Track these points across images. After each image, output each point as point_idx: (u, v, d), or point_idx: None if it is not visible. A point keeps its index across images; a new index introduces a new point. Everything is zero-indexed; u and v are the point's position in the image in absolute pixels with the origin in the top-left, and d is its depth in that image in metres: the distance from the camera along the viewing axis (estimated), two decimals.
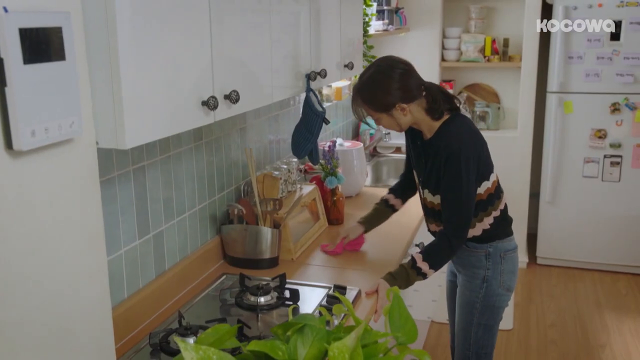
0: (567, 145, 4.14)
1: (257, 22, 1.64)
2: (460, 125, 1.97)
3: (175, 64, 1.26)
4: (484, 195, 2.01)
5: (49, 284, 1.02)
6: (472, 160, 1.92)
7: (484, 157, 2.00)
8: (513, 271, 2.14)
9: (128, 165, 1.68)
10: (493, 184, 2.03)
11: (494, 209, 2.05)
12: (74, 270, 1.08)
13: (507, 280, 2.12)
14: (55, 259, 1.03)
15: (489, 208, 2.04)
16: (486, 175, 2.01)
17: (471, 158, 1.91)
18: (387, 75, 1.92)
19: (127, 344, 1.65)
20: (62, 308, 1.06)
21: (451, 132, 1.95)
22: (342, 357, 0.92)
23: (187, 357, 0.83)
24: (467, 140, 1.94)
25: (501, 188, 2.10)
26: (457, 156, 1.89)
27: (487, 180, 2.01)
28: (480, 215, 2.03)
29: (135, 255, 1.74)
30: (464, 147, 1.90)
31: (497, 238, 2.08)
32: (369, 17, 3.33)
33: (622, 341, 3.34)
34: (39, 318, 1.01)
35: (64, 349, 1.07)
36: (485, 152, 2.02)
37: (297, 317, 1.01)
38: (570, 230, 4.26)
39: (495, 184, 2.05)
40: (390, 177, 3.88)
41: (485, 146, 2.03)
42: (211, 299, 1.90)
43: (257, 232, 2.13)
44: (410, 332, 1.05)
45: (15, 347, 0.96)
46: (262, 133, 2.53)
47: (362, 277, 2.08)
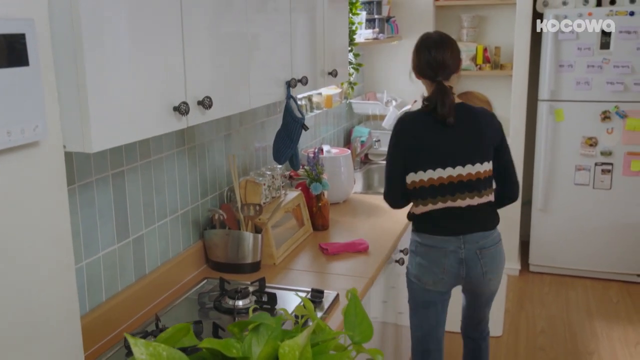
0: (559, 153, 4.16)
1: (233, 29, 1.67)
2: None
3: (144, 69, 1.29)
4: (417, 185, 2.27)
5: (13, 287, 1.05)
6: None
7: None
8: (423, 267, 2.30)
9: (107, 169, 1.71)
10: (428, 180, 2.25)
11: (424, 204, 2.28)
12: (39, 272, 1.10)
13: (415, 270, 2.34)
14: (19, 262, 1.06)
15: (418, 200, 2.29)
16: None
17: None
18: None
19: (104, 345, 1.68)
20: (27, 310, 1.08)
21: (480, 109, 2.32)
22: (293, 354, 0.94)
23: (136, 352, 0.86)
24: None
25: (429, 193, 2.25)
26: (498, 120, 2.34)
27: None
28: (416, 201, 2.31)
29: (114, 258, 1.77)
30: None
31: (417, 230, 2.35)
32: (355, 25, 3.37)
33: (610, 348, 3.34)
34: (3, 320, 1.03)
35: (29, 351, 1.09)
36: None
37: (253, 316, 1.04)
38: (562, 237, 4.27)
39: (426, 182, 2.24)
40: (381, 185, 3.90)
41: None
42: (190, 303, 1.93)
43: (238, 237, 2.16)
44: (366, 331, 1.08)
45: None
46: (248, 140, 2.56)
47: (342, 282, 2.10)
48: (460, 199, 2.22)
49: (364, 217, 2.83)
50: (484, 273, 2.27)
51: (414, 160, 2.22)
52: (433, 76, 2.22)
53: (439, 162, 2.20)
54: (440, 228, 2.25)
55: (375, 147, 3.86)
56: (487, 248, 2.26)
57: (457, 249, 2.24)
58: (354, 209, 2.96)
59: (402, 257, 2.66)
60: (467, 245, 2.24)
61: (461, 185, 2.21)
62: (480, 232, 2.25)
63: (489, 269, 2.27)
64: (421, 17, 4.23)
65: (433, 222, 2.26)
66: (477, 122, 2.25)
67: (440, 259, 2.26)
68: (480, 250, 2.25)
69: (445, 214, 2.23)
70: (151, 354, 0.86)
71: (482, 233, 2.25)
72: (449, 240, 2.24)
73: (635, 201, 4.07)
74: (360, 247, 2.36)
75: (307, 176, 2.65)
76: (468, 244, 2.24)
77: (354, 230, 2.64)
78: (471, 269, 2.26)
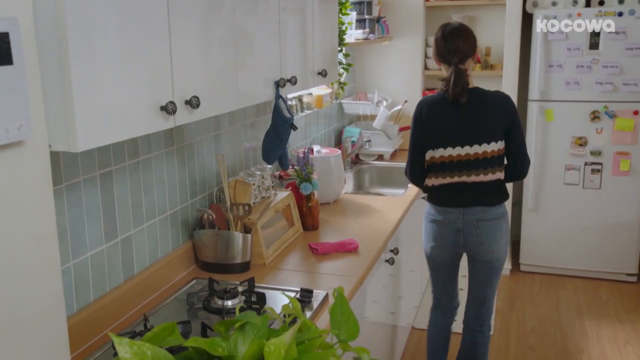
0: (549, 153, 4.18)
1: (221, 28, 1.67)
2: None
3: (131, 69, 1.29)
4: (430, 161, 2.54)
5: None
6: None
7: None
8: (429, 233, 2.61)
9: (94, 170, 1.70)
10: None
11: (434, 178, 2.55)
12: (24, 272, 1.10)
13: (424, 236, 2.67)
14: (3, 261, 1.05)
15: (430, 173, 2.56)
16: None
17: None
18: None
19: (92, 346, 1.67)
20: (12, 310, 1.08)
21: (496, 92, 2.52)
22: (278, 353, 0.94)
23: (121, 352, 0.86)
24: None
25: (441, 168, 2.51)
26: (514, 103, 2.53)
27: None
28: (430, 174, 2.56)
29: (102, 259, 1.76)
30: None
31: (429, 201, 2.62)
32: (345, 25, 3.37)
33: (600, 347, 3.36)
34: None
35: (14, 351, 1.09)
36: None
37: (240, 315, 1.04)
38: (553, 237, 4.29)
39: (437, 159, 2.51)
40: (372, 185, 3.91)
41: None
42: (179, 303, 1.92)
43: (228, 237, 2.15)
44: (352, 330, 1.08)
45: None
46: (238, 140, 2.56)
47: (332, 282, 2.10)
48: (467, 175, 2.46)
49: (354, 217, 2.84)
50: (480, 243, 2.48)
51: (431, 139, 2.50)
52: (449, 60, 2.46)
53: (451, 141, 2.46)
54: (445, 200, 2.52)
55: (366, 147, 3.87)
56: (486, 220, 2.47)
57: (457, 219, 2.50)
58: (344, 209, 2.96)
59: (392, 256, 2.67)
60: (465, 217, 2.48)
61: (470, 163, 2.45)
62: (480, 207, 2.47)
63: (485, 240, 2.47)
64: (412, 18, 4.25)
65: (441, 195, 2.53)
66: (488, 105, 2.46)
67: (441, 229, 2.54)
68: (477, 222, 2.47)
69: (452, 188, 2.49)
70: (135, 353, 0.86)
71: (482, 207, 2.47)
72: (451, 211, 2.51)
73: (625, 201, 4.09)
74: (350, 247, 2.36)
75: (297, 176, 2.65)
76: (467, 215, 2.48)
77: (344, 230, 2.65)
78: (467, 238, 2.51)
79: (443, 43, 2.48)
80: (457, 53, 2.44)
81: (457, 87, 2.41)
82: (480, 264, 2.56)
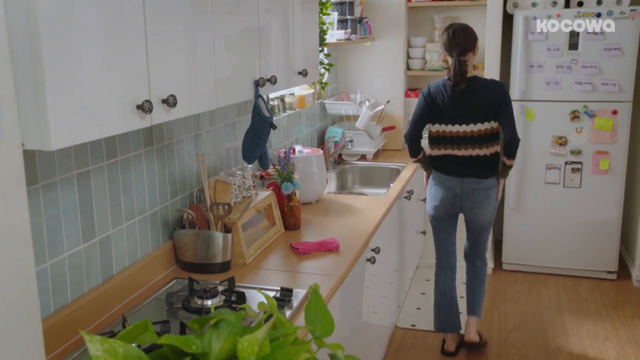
0: (530, 153, 4.22)
1: (198, 27, 1.67)
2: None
3: (105, 67, 1.29)
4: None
5: None
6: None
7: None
8: (432, 194, 3.15)
9: (71, 169, 1.69)
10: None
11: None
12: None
13: (427, 197, 3.22)
14: None
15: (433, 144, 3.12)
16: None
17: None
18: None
19: (70, 346, 1.66)
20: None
21: (490, 80, 3.08)
22: (251, 349, 0.94)
23: (91, 349, 0.85)
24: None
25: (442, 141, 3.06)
26: (506, 90, 3.04)
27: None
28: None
29: (79, 259, 1.75)
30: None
31: (433, 168, 3.16)
32: (327, 25, 3.38)
33: (580, 343, 3.40)
34: None
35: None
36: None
37: (214, 312, 1.04)
38: (534, 236, 4.33)
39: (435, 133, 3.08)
40: (355, 184, 3.92)
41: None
42: (159, 303, 1.91)
43: (208, 237, 2.15)
44: (327, 326, 1.08)
45: None
46: (219, 140, 2.56)
47: (313, 281, 2.10)
48: (463, 149, 3.01)
49: (336, 216, 2.84)
50: (472, 207, 3.08)
51: (433, 116, 3.04)
52: (451, 53, 2.94)
53: (449, 119, 2.99)
54: (445, 169, 3.07)
55: (348, 147, 3.88)
56: (479, 190, 3.04)
57: (455, 186, 3.05)
58: (326, 209, 2.97)
59: (373, 255, 2.68)
60: (463, 186, 3.04)
61: (464, 139, 2.99)
62: (474, 178, 3.02)
63: (476, 205, 3.06)
64: (394, 18, 4.26)
65: (441, 164, 3.09)
66: (482, 91, 2.97)
67: (441, 191, 3.10)
68: (472, 190, 3.04)
69: (450, 159, 3.05)
70: (107, 350, 0.86)
71: (476, 179, 3.02)
72: (451, 179, 3.06)
73: (604, 199, 4.14)
74: (331, 246, 2.37)
75: (278, 176, 2.65)
76: (464, 184, 3.04)
77: (325, 229, 2.65)
78: (463, 202, 3.08)
79: (447, 38, 2.96)
80: (457, 47, 2.92)
81: (457, 74, 2.91)
82: (472, 223, 3.19)
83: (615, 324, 3.62)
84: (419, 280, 4.26)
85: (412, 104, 4.40)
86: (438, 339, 3.45)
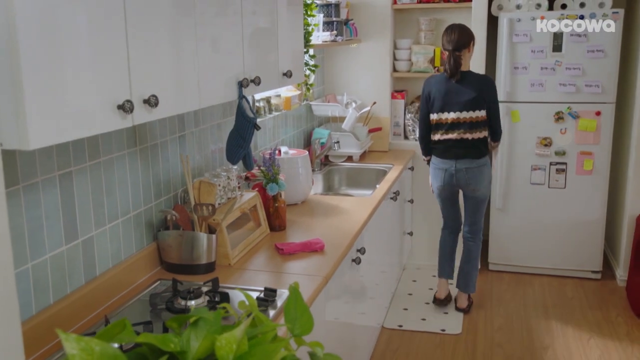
0: (515, 154, 4.25)
1: (180, 26, 1.67)
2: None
3: (85, 66, 1.28)
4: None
5: None
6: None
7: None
8: (434, 177, 3.64)
9: (53, 170, 1.69)
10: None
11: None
12: None
13: (430, 180, 3.74)
14: None
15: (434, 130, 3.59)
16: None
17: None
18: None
19: (52, 348, 1.65)
20: None
21: (482, 75, 3.54)
22: (229, 347, 0.95)
23: (67, 347, 0.85)
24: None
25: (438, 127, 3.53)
26: (494, 84, 3.53)
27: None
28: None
29: (62, 260, 1.74)
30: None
31: (433, 154, 3.64)
32: (311, 27, 3.39)
33: (565, 343, 3.43)
34: None
35: None
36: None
37: (193, 310, 1.04)
38: (520, 236, 4.36)
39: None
40: (342, 186, 3.93)
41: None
42: (142, 304, 1.91)
43: (192, 238, 2.15)
44: (306, 324, 1.09)
45: None
46: (204, 141, 2.56)
47: (297, 281, 2.10)
48: (456, 134, 3.44)
49: (321, 217, 2.85)
50: (467, 184, 3.52)
51: (431, 106, 3.51)
52: (447, 48, 3.39)
53: (444, 108, 3.45)
54: (442, 153, 3.52)
55: (334, 148, 3.88)
56: (472, 168, 3.48)
57: (450, 168, 3.51)
58: (312, 210, 2.98)
59: (359, 256, 2.69)
60: (457, 166, 3.49)
61: (457, 125, 3.43)
62: (468, 159, 3.47)
63: (471, 182, 3.51)
64: (380, 20, 4.28)
65: (438, 149, 3.53)
66: (473, 83, 3.41)
67: (440, 174, 3.58)
68: (466, 169, 3.48)
69: (445, 144, 3.48)
70: (83, 348, 0.86)
71: (469, 160, 3.47)
72: (447, 162, 3.52)
73: (588, 200, 4.18)
74: (316, 247, 2.38)
75: (263, 177, 2.65)
76: (458, 164, 3.49)
77: (311, 230, 2.66)
78: (459, 180, 3.52)
79: (445, 36, 3.42)
80: (452, 43, 3.35)
81: (451, 67, 3.37)
82: (469, 198, 3.63)
83: (600, 323, 3.65)
84: (406, 281, 4.27)
85: (398, 106, 4.42)
86: (425, 340, 3.47)
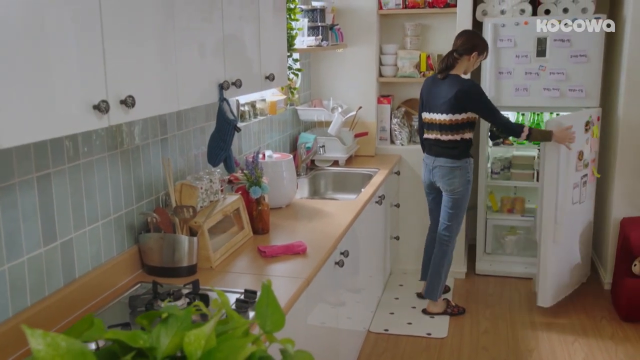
0: None
1: (158, 26, 1.68)
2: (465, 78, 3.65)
3: (60, 65, 1.28)
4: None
5: None
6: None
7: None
8: (422, 171, 3.85)
9: (31, 172, 1.68)
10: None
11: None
12: None
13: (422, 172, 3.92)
14: None
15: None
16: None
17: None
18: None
19: (29, 350, 1.64)
20: None
21: (463, 80, 3.57)
22: (198, 343, 0.95)
23: (33, 343, 0.85)
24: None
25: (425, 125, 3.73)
26: (475, 90, 3.55)
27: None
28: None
29: (40, 262, 1.74)
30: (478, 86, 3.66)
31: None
32: (295, 31, 3.40)
33: (549, 345, 3.44)
34: None
35: None
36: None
37: (163, 307, 1.04)
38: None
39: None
40: (327, 190, 3.94)
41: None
42: (122, 306, 1.90)
43: (173, 240, 2.15)
44: (277, 321, 1.09)
45: None
46: (187, 144, 2.56)
47: (279, 283, 2.11)
48: (434, 133, 3.62)
49: (305, 221, 2.85)
50: (441, 180, 3.66)
51: (421, 104, 3.74)
52: (451, 51, 3.58)
53: (426, 108, 3.67)
54: (427, 149, 3.74)
55: (319, 152, 3.89)
56: (445, 167, 3.62)
57: (430, 164, 3.70)
58: (296, 213, 2.98)
59: (342, 259, 2.69)
60: (434, 163, 3.66)
61: (433, 125, 3.62)
62: (443, 158, 3.62)
63: (443, 180, 3.65)
64: (366, 25, 4.30)
65: (425, 145, 3.76)
66: (452, 88, 3.49)
67: (424, 168, 3.80)
68: (440, 167, 3.63)
69: (428, 141, 3.69)
70: (49, 344, 0.86)
71: (444, 159, 3.61)
72: (429, 158, 3.71)
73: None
74: (299, 249, 2.38)
75: (246, 180, 2.66)
76: (435, 162, 3.65)
77: (294, 233, 2.66)
78: (434, 176, 3.69)
79: (455, 37, 3.63)
80: (455, 45, 3.56)
81: (442, 63, 3.56)
82: (444, 197, 3.72)
83: (585, 326, 3.66)
84: (393, 286, 4.27)
85: (384, 111, 4.44)
86: (411, 343, 3.48)
